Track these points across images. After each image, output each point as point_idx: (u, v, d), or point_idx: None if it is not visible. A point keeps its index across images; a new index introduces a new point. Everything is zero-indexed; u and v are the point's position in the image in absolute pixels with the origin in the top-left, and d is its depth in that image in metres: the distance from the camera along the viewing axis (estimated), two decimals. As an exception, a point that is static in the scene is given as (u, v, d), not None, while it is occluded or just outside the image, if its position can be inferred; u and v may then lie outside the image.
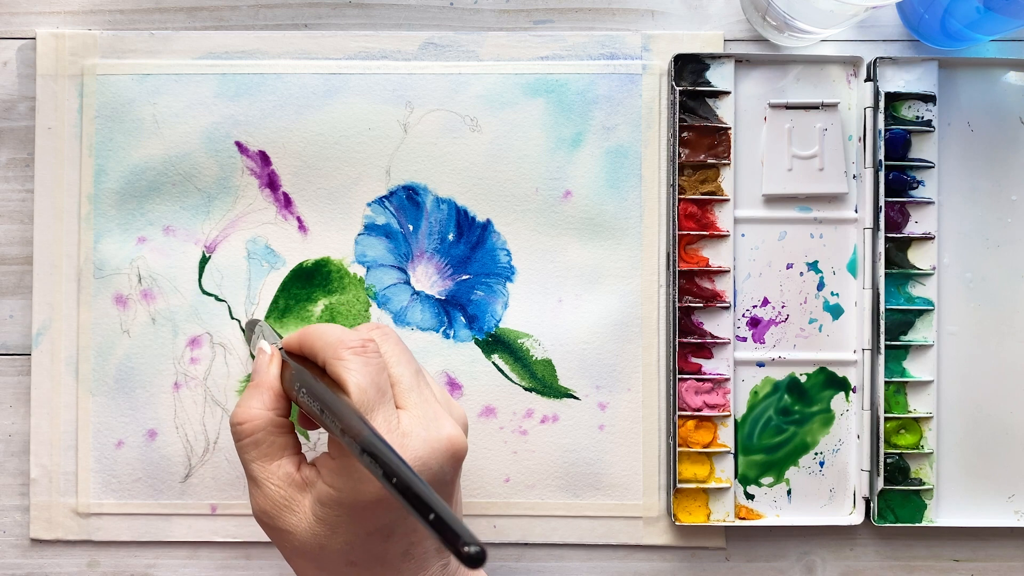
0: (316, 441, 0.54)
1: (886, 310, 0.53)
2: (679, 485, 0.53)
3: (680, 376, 0.53)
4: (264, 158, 0.54)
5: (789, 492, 0.54)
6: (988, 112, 0.54)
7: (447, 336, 0.54)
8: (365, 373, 0.40)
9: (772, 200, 0.54)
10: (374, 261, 0.54)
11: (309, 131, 0.54)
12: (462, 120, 0.54)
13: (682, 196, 0.53)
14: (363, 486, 0.39)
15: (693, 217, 0.54)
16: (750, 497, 0.54)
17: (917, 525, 0.53)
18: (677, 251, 0.53)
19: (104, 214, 0.54)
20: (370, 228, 0.54)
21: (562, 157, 0.54)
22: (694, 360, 0.54)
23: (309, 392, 0.41)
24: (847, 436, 0.54)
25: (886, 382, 0.53)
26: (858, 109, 0.54)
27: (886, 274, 0.53)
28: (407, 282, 0.54)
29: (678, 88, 0.53)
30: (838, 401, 0.54)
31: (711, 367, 0.54)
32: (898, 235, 0.53)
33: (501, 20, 0.55)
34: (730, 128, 0.53)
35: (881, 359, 0.53)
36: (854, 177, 0.54)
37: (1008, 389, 0.54)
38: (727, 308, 0.53)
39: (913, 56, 0.54)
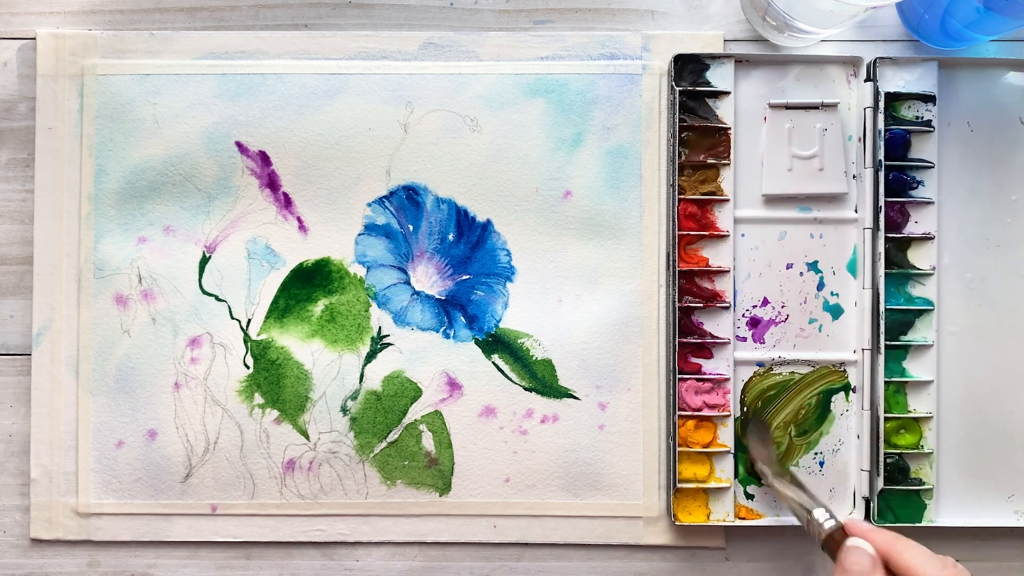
0: (316, 441, 0.54)
1: (886, 310, 0.53)
2: (679, 485, 0.53)
3: (680, 376, 0.53)
4: (264, 158, 0.54)
5: (789, 492, 0.54)
6: (988, 112, 0.54)
7: (447, 336, 0.54)
8: None
9: (772, 200, 0.54)
10: (374, 261, 0.54)
11: (309, 131, 0.54)
12: (462, 120, 0.54)
13: (682, 196, 0.53)
14: None
15: (693, 217, 0.54)
16: (750, 497, 0.54)
17: (917, 525, 0.53)
18: (677, 251, 0.53)
19: (104, 214, 0.54)
20: (370, 228, 0.54)
21: (562, 157, 0.54)
22: (694, 360, 0.54)
23: None
24: (847, 436, 0.54)
25: (886, 382, 0.53)
26: (858, 109, 0.54)
27: (886, 274, 0.53)
28: (407, 282, 0.54)
29: (678, 88, 0.53)
30: (838, 401, 0.54)
31: (711, 367, 0.54)
32: (898, 235, 0.53)
33: (501, 20, 0.55)
34: (730, 128, 0.53)
35: (881, 359, 0.53)
36: (854, 177, 0.54)
37: (1008, 389, 0.54)
38: (727, 308, 0.53)
39: (913, 56, 0.54)
